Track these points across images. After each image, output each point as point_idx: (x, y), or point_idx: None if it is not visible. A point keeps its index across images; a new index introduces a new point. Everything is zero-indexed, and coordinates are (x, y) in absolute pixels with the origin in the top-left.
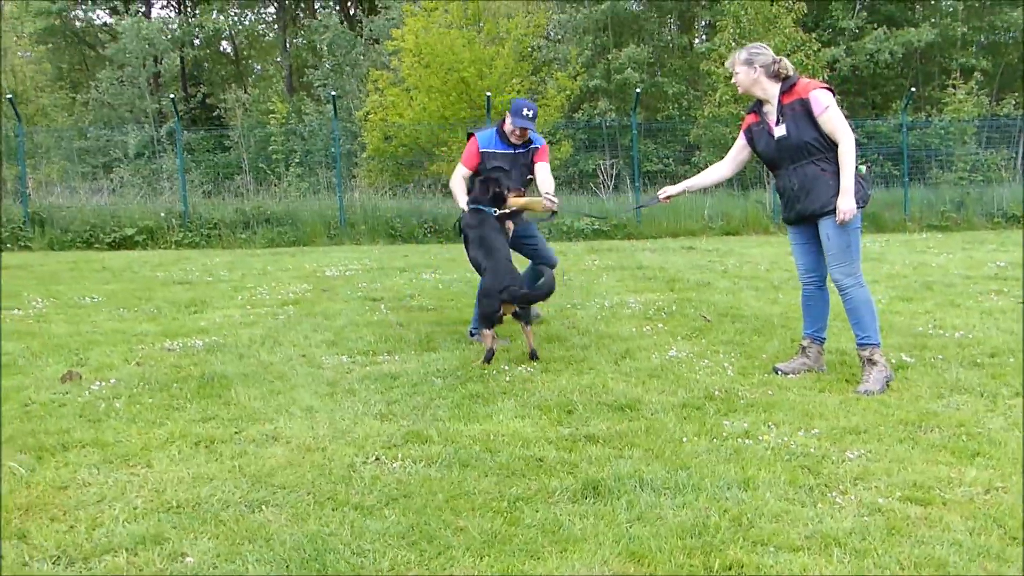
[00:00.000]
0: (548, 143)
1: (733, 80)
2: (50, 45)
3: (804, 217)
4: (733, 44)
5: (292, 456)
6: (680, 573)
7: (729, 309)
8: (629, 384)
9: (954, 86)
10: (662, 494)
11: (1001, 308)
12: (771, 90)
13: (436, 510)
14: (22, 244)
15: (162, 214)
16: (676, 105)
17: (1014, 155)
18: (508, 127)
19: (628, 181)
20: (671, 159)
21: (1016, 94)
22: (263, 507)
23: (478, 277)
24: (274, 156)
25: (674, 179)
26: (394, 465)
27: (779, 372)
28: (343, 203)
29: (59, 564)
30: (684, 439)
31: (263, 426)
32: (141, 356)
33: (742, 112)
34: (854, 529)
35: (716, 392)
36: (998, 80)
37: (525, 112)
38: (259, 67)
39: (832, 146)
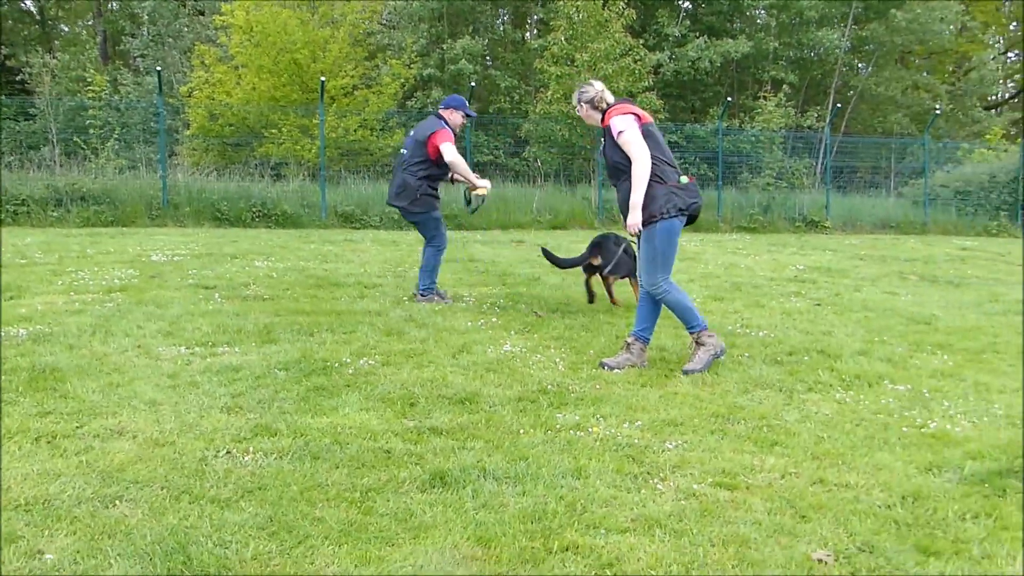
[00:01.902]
0: (380, 130)
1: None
2: None
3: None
4: (564, 42)
5: (141, 451)
6: (523, 555)
7: (559, 305)
8: (468, 378)
9: (765, 97)
10: (503, 483)
11: (799, 309)
12: (597, 119)
13: (292, 501)
14: None
15: None
16: (508, 99)
17: (814, 164)
18: (460, 120)
19: None
20: (501, 151)
21: (819, 107)
22: (117, 502)
23: (313, 268)
24: (91, 129)
25: (504, 171)
26: (245, 459)
27: (605, 367)
28: (166, 183)
29: None
30: (521, 431)
31: (106, 420)
32: None
33: (572, 111)
34: (673, 512)
35: (549, 386)
36: (803, 94)
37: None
38: (66, 28)
39: None
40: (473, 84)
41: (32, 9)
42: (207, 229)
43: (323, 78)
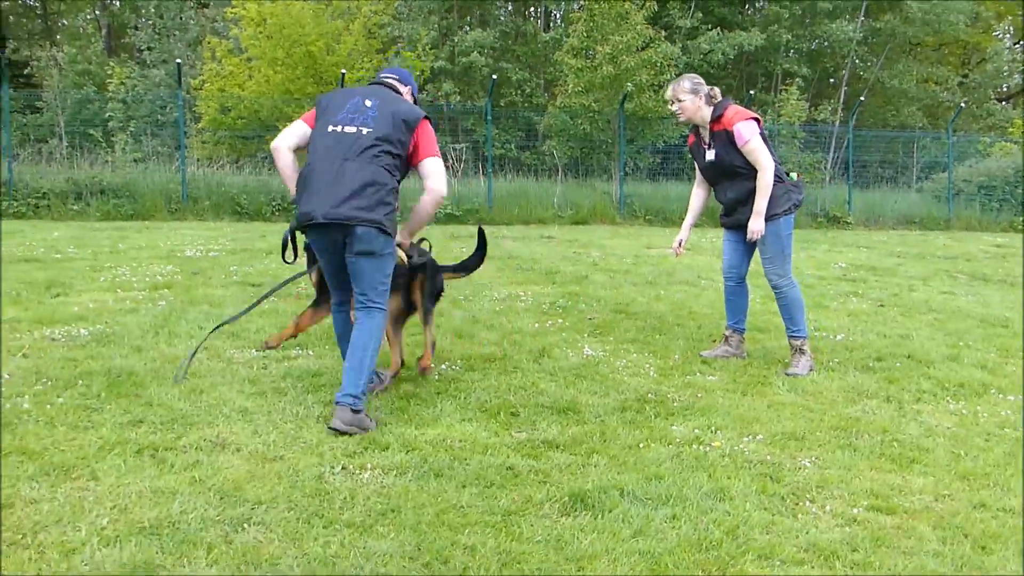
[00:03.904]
0: None
1: (675, 108)
2: None
3: (741, 224)
4: (585, 36)
5: (252, 467)
6: None
7: (619, 306)
8: (559, 385)
9: (785, 89)
10: (648, 506)
11: (864, 311)
12: (707, 116)
13: (432, 526)
14: None
15: None
16: (519, 92)
17: (826, 158)
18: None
19: (479, 166)
20: (512, 145)
21: (831, 101)
22: (246, 525)
23: None
24: (111, 121)
25: (516, 164)
26: (364, 475)
27: (706, 357)
28: (186, 177)
29: None
30: (641, 445)
31: (203, 431)
32: (26, 348)
33: (592, 104)
34: (843, 540)
35: (649, 395)
36: (815, 87)
37: None
38: (64, 22)
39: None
40: (495, 77)
41: (34, 3)
42: (228, 223)
43: (343, 71)
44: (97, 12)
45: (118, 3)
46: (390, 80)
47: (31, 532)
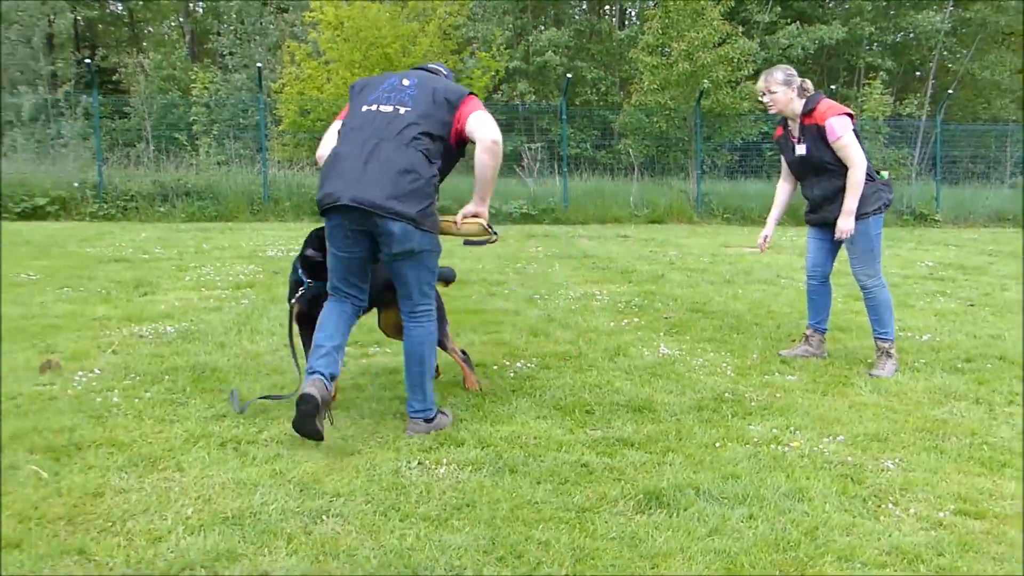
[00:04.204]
0: None
1: (767, 99)
2: None
3: (827, 222)
4: (661, 33)
5: (330, 460)
6: None
7: (695, 304)
8: (635, 383)
9: (868, 84)
10: (724, 504)
11: (952, 310)
12: (798, 109)
13: (506, 521)
14: None
15: (75, 184)
16: (595, 90)
17: (912, 154)
18: None
19: (555, 165)
20: (588, 144)
21: (918, 94)
22: (325, 517)
23: None
24: (193, 127)
25: (592, 163)
26: (440, 471)
27: (785, 356)
28: (267, 178)
29: None
30: (717, 444)
31: (284, 425)
32: (116, 344)
33: (669, 102)
34: (927, 544)
35: (726, 394)
36: (899, 80)
37: None
38: (150, 29)
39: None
40: (569, 76)
41: (121, 11)
42: (308, 223)
43: None
44: (181, 19)
45: (201, 9)
46: (432, 65)
47: (120, 520)
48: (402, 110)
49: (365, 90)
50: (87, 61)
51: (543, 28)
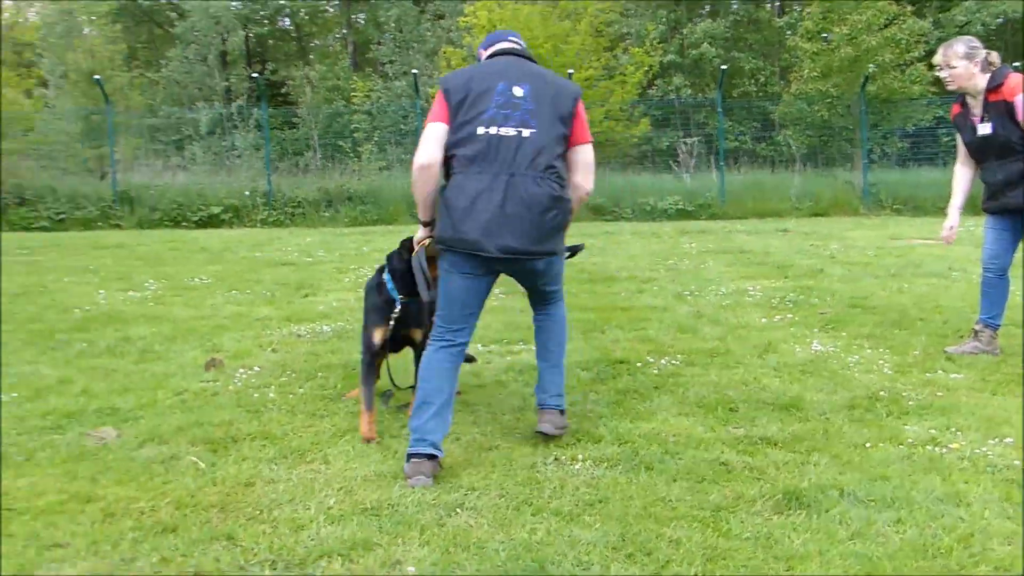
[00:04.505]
0: (625, 121)
1: (945, 74)
2: (118, 25)
3: (1008, 209)
4: (821, 18)
5: (469, 455)
6: None
7: (855, 299)
8: (783, 381)
9: None
10: (870, 507)
11: None
12: (981, 85)
13: (638, 518)
14: (112, 223)
15: (246, 193)
16: (753, 81)
17: None
18: None
19: (711, 160)
20: (747, 136)
21: None
22: (459, 510)
23: (579, 261)
24: (355, 134)
25: (751, 156)
26: (575, 467)
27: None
28: None
29: (276, 568)
30: (868, 444)
31: None
32: (276, 343)
33: (831, 90)
34: None
35: (881, 392)
36: None
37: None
38: (317, 42)
39: None
40: (724, 67)
41: (288, 27)
42: None
43: (571, 71)
44: (344, 31)
45: (362, 20)
46: (514, 40)
47: (267, 509)
48: (526, 133)
49: (471, 99)
50: (254, 76)
51: (698, 20)
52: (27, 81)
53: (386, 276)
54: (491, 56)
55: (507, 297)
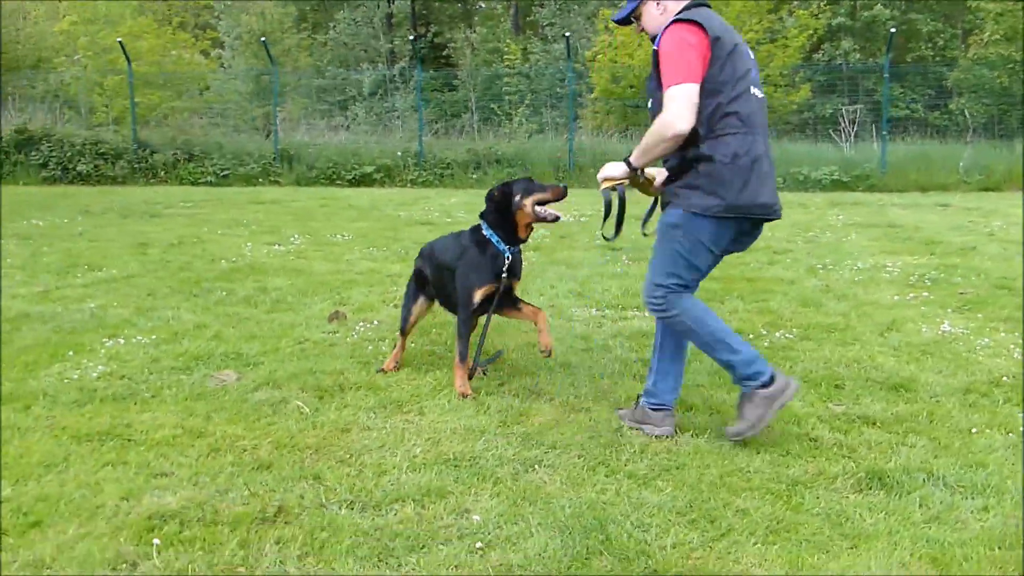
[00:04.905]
0: (786, 87)
1: None
2: None
3: None
4: None
5: (558, 415)
6: None
7: (1004, 280)
8: (900, 361)
9: None
10: (957, 493)
11: None
12: None
13: (711, 486)
14: (272, 179)
15: (398, 153)
16: (930, 45)
17: None
18: None
19: (873, 129)
20: (920, 104)
21: None
22: (536, 467)
23: None
24: (508, 97)
25: (921, 126)
26: None
27: None
28: (573, 146)
29: (353, 509)
30: (974, 430)
31: (525, 380)
32: (399, 299)
33: (1013, 54)
34: None
35: (1004, 378)
36: None
37: None
38: (483, 5)
39: None
40: (893, 30)
41: None
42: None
43: None
44: None
45: None
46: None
47: (357, 453)
48: (760, 95)
49: (737, 55)
50: (411, 38)
51: None
52: (203, 43)
53: (488, 232)
54: (689, 7)
55: (632, 264)
